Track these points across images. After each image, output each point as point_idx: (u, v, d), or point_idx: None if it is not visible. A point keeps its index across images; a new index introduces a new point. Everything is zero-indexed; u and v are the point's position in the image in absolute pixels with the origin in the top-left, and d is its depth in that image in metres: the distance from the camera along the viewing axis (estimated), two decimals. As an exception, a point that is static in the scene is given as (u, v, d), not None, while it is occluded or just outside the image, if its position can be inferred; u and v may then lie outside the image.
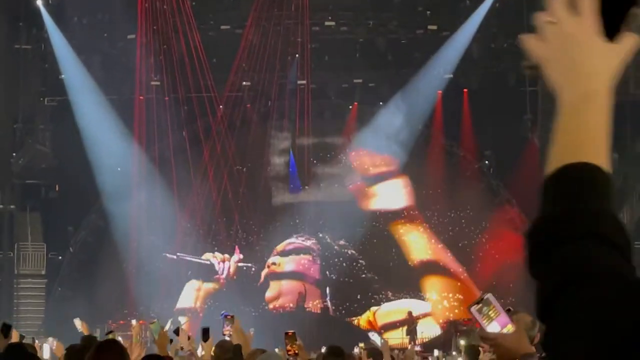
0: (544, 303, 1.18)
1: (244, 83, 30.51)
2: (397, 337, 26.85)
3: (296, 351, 8.64)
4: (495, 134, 29.69)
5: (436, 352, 18.28)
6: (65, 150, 29.21)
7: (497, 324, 4.59)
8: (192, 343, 9.04)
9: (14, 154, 29.85)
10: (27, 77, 29.89)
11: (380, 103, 30.46)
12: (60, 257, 30.49)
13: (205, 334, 8.39)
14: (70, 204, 29.95)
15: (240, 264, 30.14)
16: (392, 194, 30.46)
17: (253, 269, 30.09)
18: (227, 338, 9.67)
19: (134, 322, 11.61)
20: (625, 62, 1.37)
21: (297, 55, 30.47)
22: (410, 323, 26.54)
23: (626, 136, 28.69)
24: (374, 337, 13.56)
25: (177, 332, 8.41)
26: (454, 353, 10.74)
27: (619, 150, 29.56)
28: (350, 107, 31.23)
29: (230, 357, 7.64)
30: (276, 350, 12.32)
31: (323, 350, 10.66)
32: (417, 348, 21.78)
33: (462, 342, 9.09)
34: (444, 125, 30.49)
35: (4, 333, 7.35)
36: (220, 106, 30.72)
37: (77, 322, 10.67)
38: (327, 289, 29.61)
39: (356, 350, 16.71)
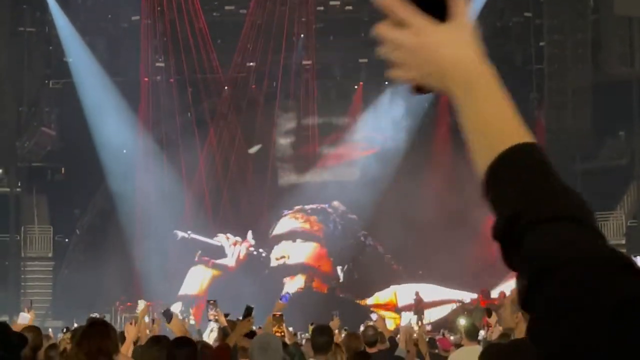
0: (524, 294, 1.15)
1: (249, 64, 30.41)
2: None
3: (283, 333, 8.59)
4: (501, 113, 29.52)
5: (441, 336, 18.29)
6: (71, 133, 29.19)
7: None
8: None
9: (20, 137, 29.83)
10: (31, 60, 29.82)
11: (386, 82, 30.32)
12: (66, 240, 30.57)
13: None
14: (76, 187, 29.98)
15: (251, 249, 29.97)
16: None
17: (264, 254, 29.90)
18: (212, 322, 9.66)
19: (140, 302, 11.54)
20: (474, 29, 1.33)
21: (302, 36, 30.36)
22: (417, 303, 26.45)
23: (633, 113, 28.53)
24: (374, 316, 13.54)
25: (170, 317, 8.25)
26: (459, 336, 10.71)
27: (625, 128, 29.45)
28: (356, 86, 31.11)
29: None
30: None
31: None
32: (428, 327, 21.78)
33: (462, 323, 9.01)
34: (450, 102, 30.32)
35: None
36: (226, 87, 30.66)
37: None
38: (338, 268, 29.48)
39: (362, 328, 16.73)
